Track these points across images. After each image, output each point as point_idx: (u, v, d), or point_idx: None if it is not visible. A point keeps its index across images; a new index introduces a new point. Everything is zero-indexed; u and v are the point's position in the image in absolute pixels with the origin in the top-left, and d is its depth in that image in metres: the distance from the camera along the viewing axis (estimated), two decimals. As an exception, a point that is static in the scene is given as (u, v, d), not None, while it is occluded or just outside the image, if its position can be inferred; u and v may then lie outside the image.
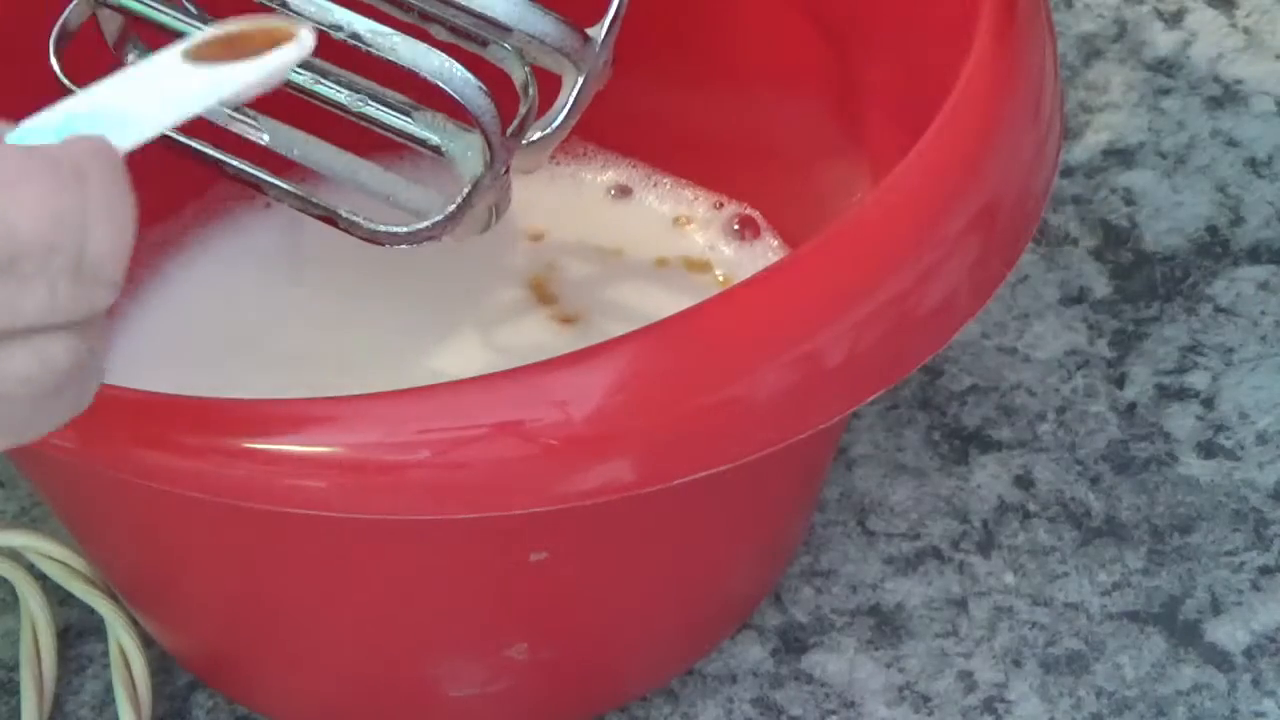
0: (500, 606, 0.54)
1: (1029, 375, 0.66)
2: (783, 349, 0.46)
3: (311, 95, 0.53)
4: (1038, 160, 0.51)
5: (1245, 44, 0.75)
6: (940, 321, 0.48)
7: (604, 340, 0.46)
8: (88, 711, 0.60)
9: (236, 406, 0.46)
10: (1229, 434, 0.65)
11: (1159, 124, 0.73)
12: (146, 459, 0.47)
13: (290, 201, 0.54)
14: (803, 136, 0.62)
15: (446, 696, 0.58)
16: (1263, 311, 0.67)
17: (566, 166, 0.66)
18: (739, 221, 0.65)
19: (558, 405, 0.45)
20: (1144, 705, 0.59)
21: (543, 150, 0.56)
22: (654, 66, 0.62)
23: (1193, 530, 0.62)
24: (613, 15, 0.55)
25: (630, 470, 0.46)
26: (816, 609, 0.61)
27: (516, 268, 0.64)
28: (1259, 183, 0.71)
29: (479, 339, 0.62)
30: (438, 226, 0.53)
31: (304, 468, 0.46)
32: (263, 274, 0.64)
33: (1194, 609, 0.61)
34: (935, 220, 0.48)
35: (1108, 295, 0.68)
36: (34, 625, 0.61)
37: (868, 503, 0.63)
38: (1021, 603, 0.61)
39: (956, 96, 0.49)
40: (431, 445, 0.45)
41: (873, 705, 0.59)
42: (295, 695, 0.59)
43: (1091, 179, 0.71)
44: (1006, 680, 0.59)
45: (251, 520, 0.50)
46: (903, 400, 0.66)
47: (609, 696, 0.59)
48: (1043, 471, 0.64)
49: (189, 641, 0.60)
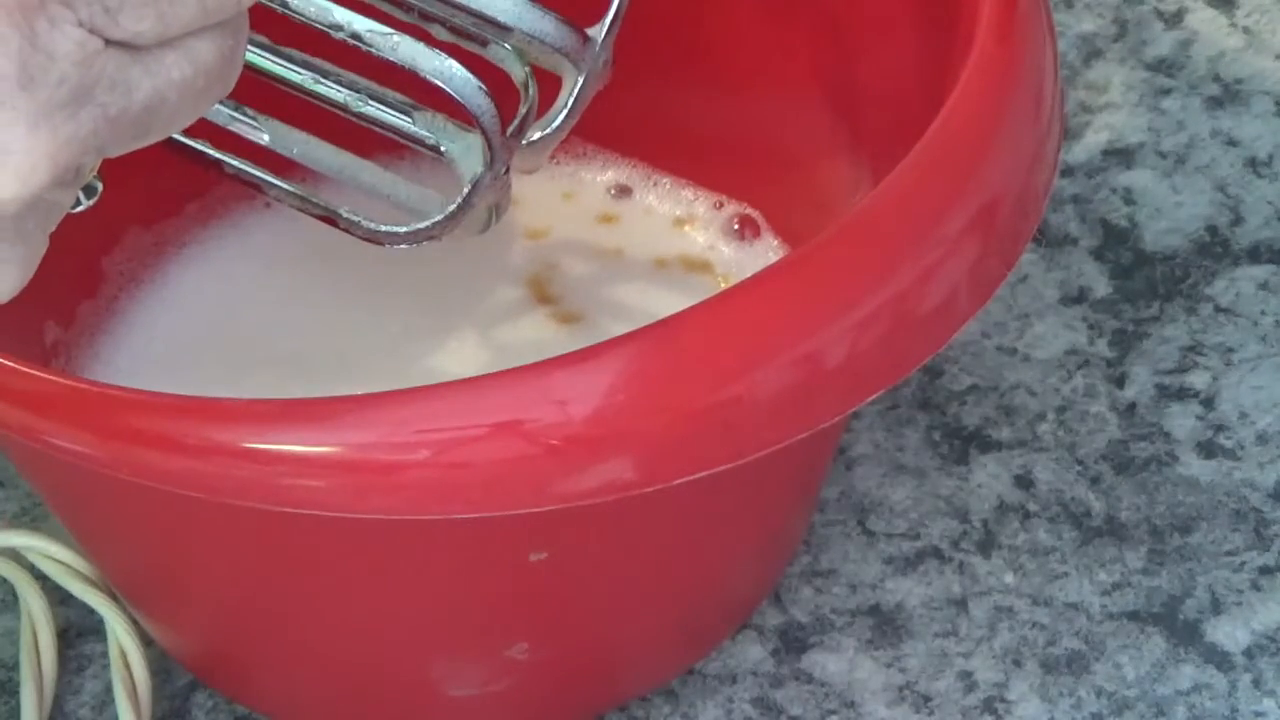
0: (500, 606, 0.54)
1: (1029, 375, 0.66)
2: (783, 349, 0.46)
3: (311, 95, 0.53)
4: (1038, 160, 0.51)
5: (1245, 44, 0.75)
6: (940, 321, 0.48)
7: (604, 340, 0.46)
8: (88, 711, 0.60)
9: (236, 406, 0.46)
10: (1229, 434, 0.65)
11: (1159, 124, 0.73)
12: (147, 459, 0.47)
13: (290, 201, 0.55)
14: (803, 136, 0.62)
15: (446, 696, 0.58)
16: (1263, 311, 0.67)
17: (566, 166, 0.66)
18: (739, 221, 0.65)
19: (558, 405, 0.45)
20: (1144, 705, 0.59)
21: (543, 150, 0.56)
22: (654, 66, 0.62)
23: (1193, 530, 0.62)
24: (613, 15, 0.55)
25: (630, 470, 0.46)
26: (816, 609, 0.61)
27: (516, 267, 0.64)
28: (1259, 183, 0.71)
29: (479, 339, 0.62)
30: (438, 226, 0.53)
31: (304, 468, 0.46)
32: (263, 274, 0.64)
33: (1194, 609, 0.61)
34: (935, 220, 0.48)
35: (1108, 295, 0.68)
36: (34, 625, 0.61)
37: (868, 503, 0.63)
38: (1021, 603, 0.61)
39: (956, 96, 0.49)
40: (431, 445, 0.45)
41: (873, 705, 0.59)
42: (295, 695, 0.60)
43: (1091, 179, 0.71)
44: (1006, 680, 0.59)
45: (251, 520, 0.50)
46: (903, 400, 0.66)
47: (609, 696, 0.59)
48: (1043, 471, 0.64)
49: (189, 641, 0.60)
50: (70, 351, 0.62)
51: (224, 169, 0.55)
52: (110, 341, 0.62)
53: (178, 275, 0.64)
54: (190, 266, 0.65)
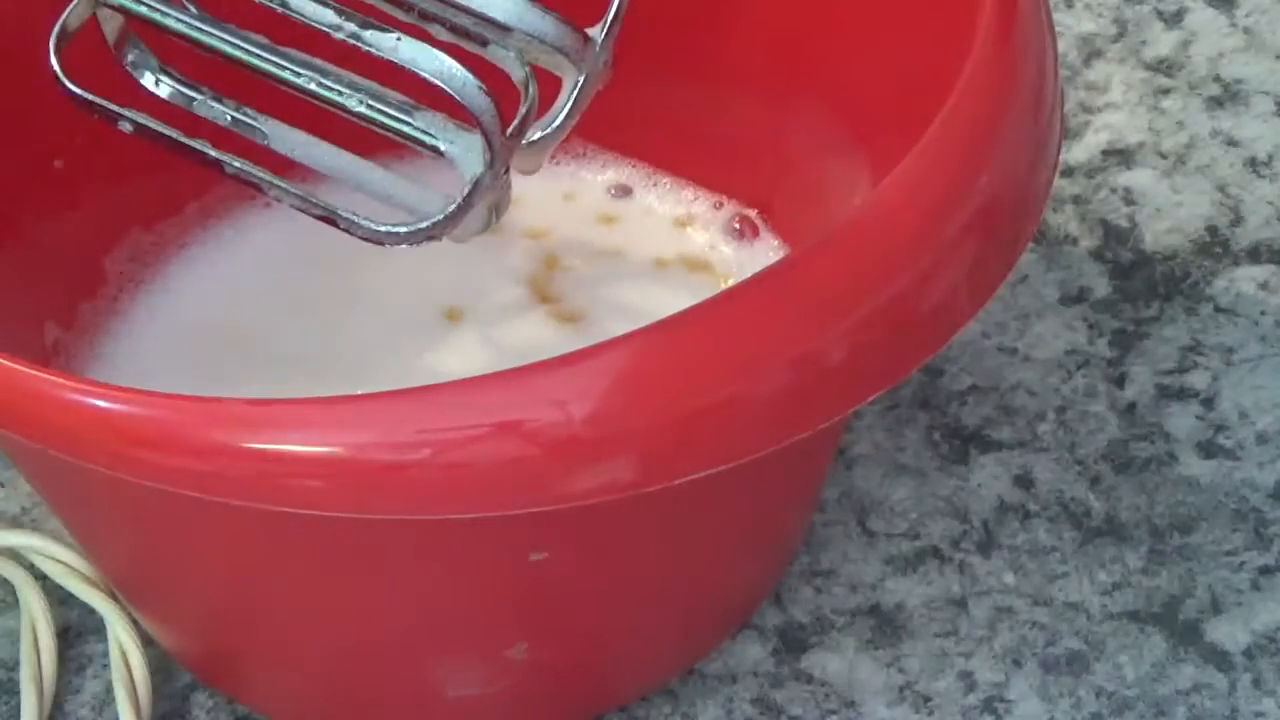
0: (500, 606, 0.54)
1: (1029, 375, 0.66)
2: (783, 349, 0.46)
3: (311, 95, 0.53)
4: (1038, 160, 0.51)
5: (1245, 44, 0.75)
6: (940, 321, 0.48)
7: (604, 340, 0.46)
8: (88, 711, 0.60)
9: (236, 406, 0.46)
10: (1229, 434, 0.65)
11: (1159, 124, 0.73)
12: (147, 459, 0.47)
13: (290, 201, 0.54)
14: (803, 136, 0.62)
15: (446, 696, 0.58)
16: (1263, 311, 0.67)
17: (566, 166, 0.66)
18: (739, 221, 0.65)
19: (557, 405, 0.45)
20: (1144, 705, 0.59)
21: (543, 150, 0.56)
22: (654, 66, 0.62)
23: (1193, 530, 0.62)
24: (613, 15, 0.55)
25: (630, 470, 0.46)
26: (816, 609, 0.61)
27: (516, 267, 0.64)
28: (1259, 183, 0.71)
29: (479, 339, 0.62)
30: (438, 226, 0.53)
31: (304, 468, 0.46)
32: (263, 274, 0.64)
33: (1194, 609, 0.61)
34: (935, 220, 0.48)
35: (1108, 295, 0.68)
36: (34, 625, 0.61)
37: (868, 503, 0.63)
38: (1021, 603, 0.61)
39: (956, 96, 0.49)
40: (431, 445, 0.45)
41: (873, 705, 0.59)
42: (294, 695, 0.60)
43: (1091, 179, 0.71)
44: (1006, 680, 0.59)
45: (251, 520, 0.50)
46: (903, 400, 0.66)
47: (609, 696, 0.59)
48: (1043, 471, 0.64)
49: (189, 641, 0.60)
50: (70, 351, 0.62)
51: (224, 169, 0.55)
52: (110, 341, 0.62)
53: (178, 275, 0.64)
54: (190, 266, 0.65)
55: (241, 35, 0.54)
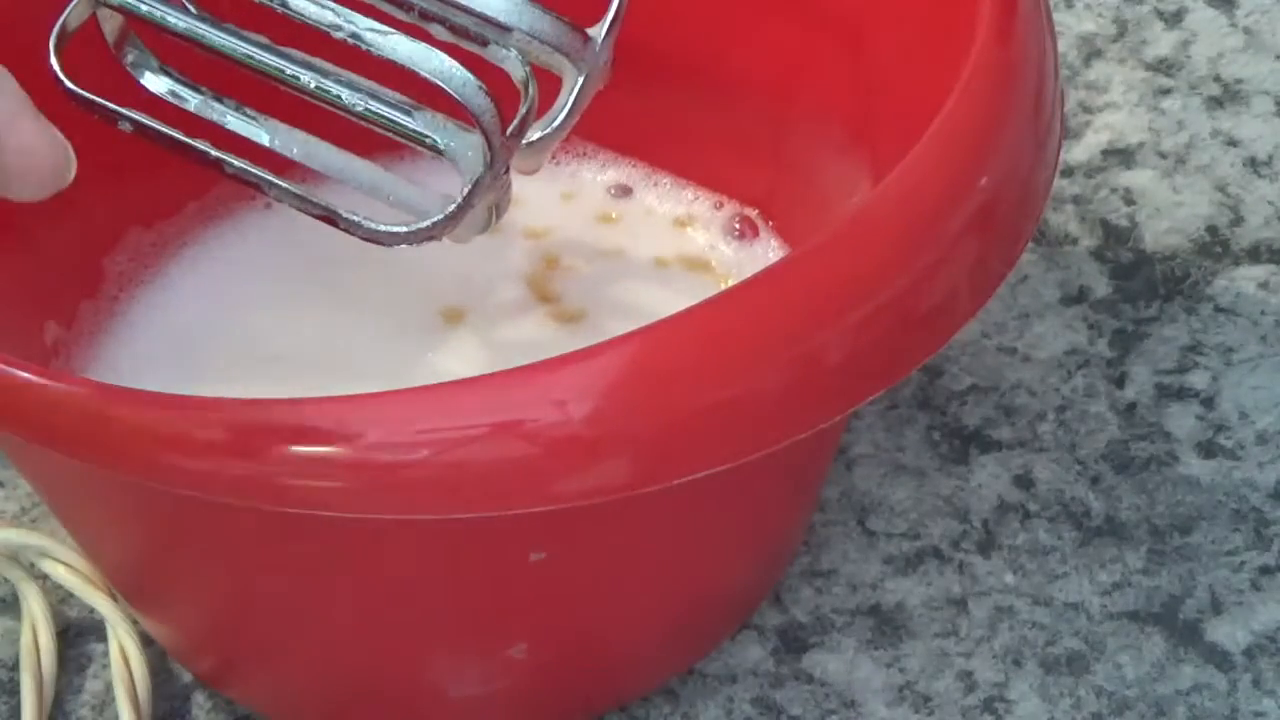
0: (500, 606, 0.54)
1: (1029, 375, 0.66)
2: (783, 349, 0.46)
3: (311, 95, 0.53)
4: (1038, 160, 0.51)
5: (1245, 44, 0.75)
6: (940, 321, 0.48)
7: (604, 340, 0.46)
8: (88, 711, 0.60)
9: (237, 406, 0.46)
10: (1229, 434, 0.65)
11: (1159, 124, 0.73)
12: (147, 459, 0.47)
13: (290, 201, 0.55)
14: (803, 136, 0.62)
15: (446, 696, 0.58)
16: (1263, 311, 0.67)
17: (566, 166, 0.66)
18: (739, 221, 0.65)
19: (557, 405, 0.45)
20: (1144, 705, 0.59)
21: (543, 150, 0.56)
22: (654, 67, 0.62)
23: (1193, 530, 0.62)
24: (613, 15, 0.55)
25: (629, 470, 0.46)
26: (816, 609, 0.61)
27: (516, 266, 0.64)
28: (1259, 183, 0.71)
29: (479, 338, 0.62)
30: (438, 226, 0.53)
31: (304, 468, 0.46)
32: (263, 274, 0.64)
33: (1194, 609, 0.61)
34: (935, 220, 0.48)
35: (1108, 295, 0.68)
36: (34, 625, 0.61)
37: (868, 503, 0.63)
38: (1021, 602, 0.61)
39: (956, 96, 0.49)
40: (431, 445, 0.45)
41: (873, 705, 0.59)
42: (295, 695, 0.60)
43: (1091, 179, 0.71)
44: (1006, 680, 0.59)
45: (251, 520, 0.50)
46: (903, 400, 0.66)
47: (609, 696, 0.59)
48: (1043, 471, 0.64)
49: (189, 641, 0.60)
50: (70, 351, 0.62)
51: (224, 169, 0.55)
52: (110, 341, 0.62)
53: (178, 275, 0.64)
54: (190, 266, 0.65)
55: (241, 35, 0.54)
